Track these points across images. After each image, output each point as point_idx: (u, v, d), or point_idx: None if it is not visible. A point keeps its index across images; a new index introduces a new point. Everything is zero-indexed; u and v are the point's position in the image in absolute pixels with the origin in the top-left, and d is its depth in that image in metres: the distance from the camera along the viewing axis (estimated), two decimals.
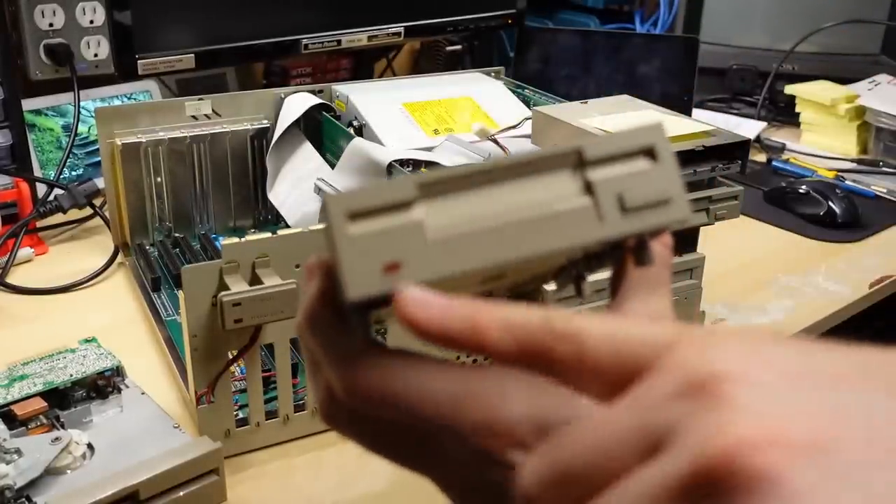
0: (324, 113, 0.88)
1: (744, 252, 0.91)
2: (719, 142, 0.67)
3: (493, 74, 0.99)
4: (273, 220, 0.91)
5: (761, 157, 1.19)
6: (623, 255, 0.30)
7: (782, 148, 1.21)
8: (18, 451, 0.52)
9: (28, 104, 0.98)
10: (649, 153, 0.28)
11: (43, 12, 0.97)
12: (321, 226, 0.55)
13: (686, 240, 0.70)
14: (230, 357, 0.56)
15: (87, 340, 0.66)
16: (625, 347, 0.23)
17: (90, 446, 0.55)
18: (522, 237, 0.27)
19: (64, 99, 1.02)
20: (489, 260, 0.27)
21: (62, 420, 0.57)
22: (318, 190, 0.78)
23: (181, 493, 0.51)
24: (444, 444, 0.29)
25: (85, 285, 0.82)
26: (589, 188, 0.28)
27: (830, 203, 0.98)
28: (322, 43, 1.06)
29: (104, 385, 0.60)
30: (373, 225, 0.26)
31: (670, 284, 0.31)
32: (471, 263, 0.26)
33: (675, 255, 0.31)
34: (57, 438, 0.54)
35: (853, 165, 1.17)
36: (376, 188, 0.26)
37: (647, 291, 0.30)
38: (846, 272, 0.88)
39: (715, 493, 0.19)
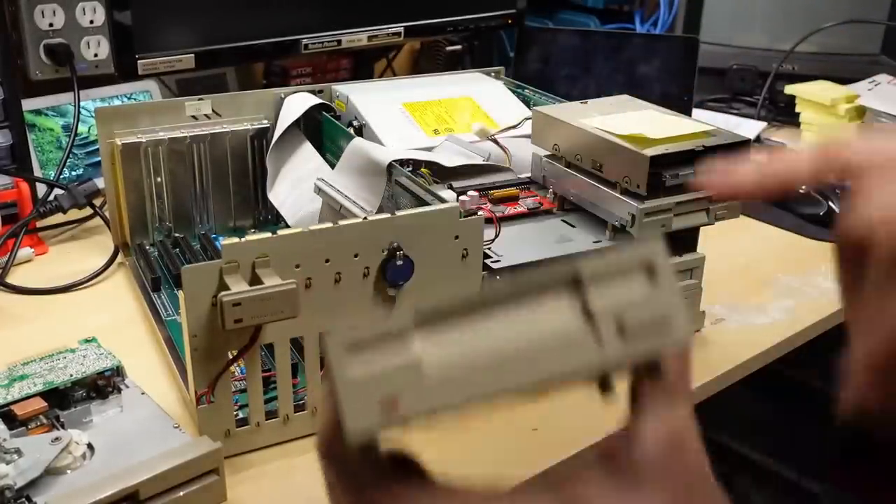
0: (324, 113, 0.88)
1: (744, 252, 0.91)
2: (719, 142, 0.67)
3: (493, 74, 0.99)
4: (273, 220, 0.91)
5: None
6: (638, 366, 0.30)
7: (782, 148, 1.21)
8: (18, 451, 0.52)
9: (28, 104, 0.98)
10: (648, 270, 0.28)
11: (43, 12, 0.97)
12: (322, 226, 0.56)
13: (686, 240, 0.70)
14: (230, 357, 0.56)
15: (87, 340, 0.66)
16: None
17: (90, 446, 0.55)
18: (520, 368, 0.27)
19: (64, 99, 1.02)
20: (486, 391, 0.27)
21: (62, 420, 0.57)
22: (318, 190, 0.78)
23: (181, 493, 0.51)
24: None
25: (85, 285, 0.82)
26: (587, 312, 0.27)
27: (830, 203, 0.98)
28: (322, 43, 1.06)
29: (104, 385, 0.60)
30: (371, 365, 0.26)
31: (691, 391, 0.31)
32: (467, 396, 0.27)
33: (675, 255, 0.31)
34: (57, 438, 0.54)
35: None
36: (374, 325, 0.27)
37: (664, 404, 0.30)
38: None
39: None
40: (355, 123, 0.85)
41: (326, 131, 0.88)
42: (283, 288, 0.52)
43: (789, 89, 1.26)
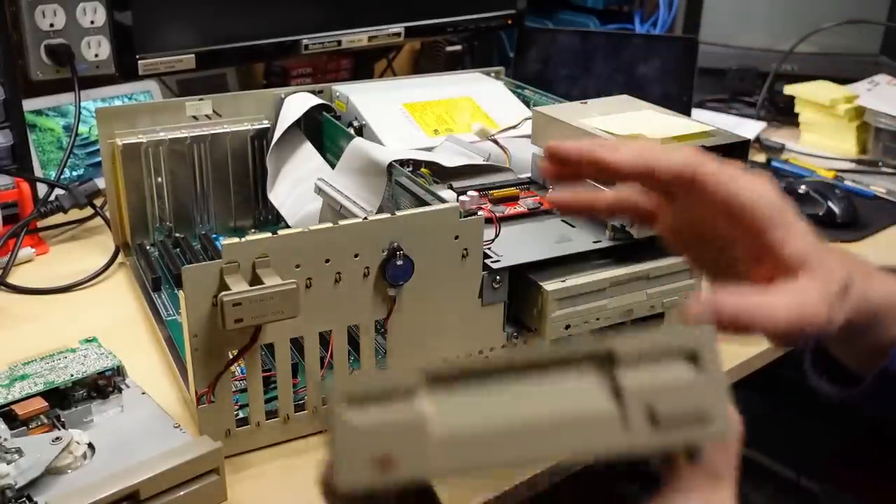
0: (324, 113, 0.88)
1: None
2: (719, 142, 0.67)
3: (493, 74, 0.99)
4: (273, 220, 0.91)
5: (761, 158, 1.19)
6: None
7: (781, 148, 1.21)
8: (19, 451, 0.52)
9: (29, 104, 0.98)
10: (692, 357, 0.26)
11: (44, 13, 0.97)
12: (322, 226, 0.56)
13: None
14: (230, 357, 0.56)
15: (87, 340, 0.66)
16: None
17: (91, 446, 0.55)
18: (533, 441, 0.25)
19: (65, 99, 1.03)
20: (494, 462, 0.25)
21: (63, 420, 0.58)
22: (319, 190, 0.78)
23: (181, 493, 0.51)
24: None
25: (85, 285, 0.82)
26: (617, 393, 0.25)
27: (830, 203, 0.99)
28: (322, 43, 1.06)
29: (105, 385, 0.61)
30: (373, 415, 0.25)
31: (734, 475, 0.29)
32: (473, 463, 0.25)
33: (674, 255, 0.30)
34: (57, 438, 0.54)
35: (852, 165, 1.17)
36: (381, 375, 0.25)
37: (704, 488, 0.28)
38: None
39: None
40: (355, 124, 0.85)
41: (327, 131, 0.88)
42: (284, 288, 0.52)
43: (789, 89, 1.26)
